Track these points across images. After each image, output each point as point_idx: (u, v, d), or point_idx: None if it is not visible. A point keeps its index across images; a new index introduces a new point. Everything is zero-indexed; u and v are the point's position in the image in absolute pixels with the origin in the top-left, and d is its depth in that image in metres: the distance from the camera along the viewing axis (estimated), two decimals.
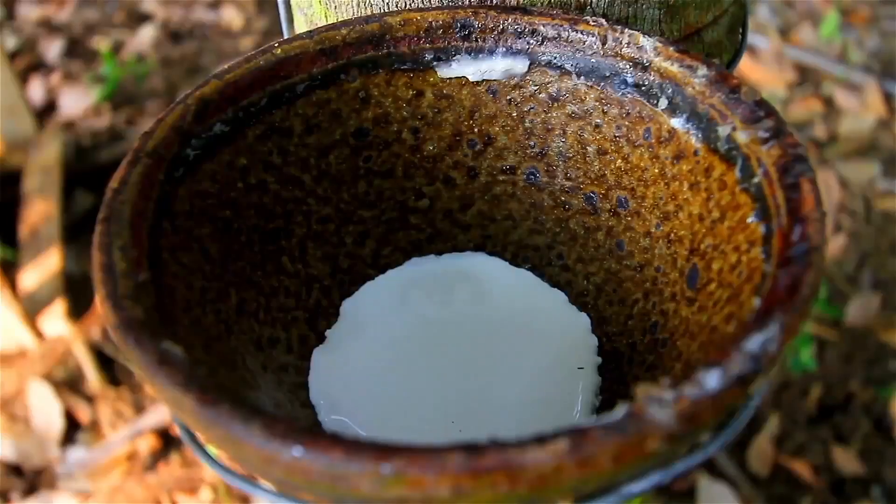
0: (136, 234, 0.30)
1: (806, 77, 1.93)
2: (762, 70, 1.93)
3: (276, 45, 0.37)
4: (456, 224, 0.42)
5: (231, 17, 2.08)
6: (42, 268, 1.40)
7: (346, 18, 0.42)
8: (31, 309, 1.33)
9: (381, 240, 0.41)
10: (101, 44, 1.99)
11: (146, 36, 2.04)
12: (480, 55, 0.38)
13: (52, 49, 1.99)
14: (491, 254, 0.42)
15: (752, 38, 1.95)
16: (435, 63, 0.39)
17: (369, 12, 0.41)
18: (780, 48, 1.98)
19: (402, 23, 0.38)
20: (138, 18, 2.11)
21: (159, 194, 0.32)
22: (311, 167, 0.39)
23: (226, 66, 0.36)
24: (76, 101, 1.87)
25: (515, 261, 0.42)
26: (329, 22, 0.44)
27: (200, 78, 1.92)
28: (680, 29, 0.42)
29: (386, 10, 0.40)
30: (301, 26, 0.47)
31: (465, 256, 0.42)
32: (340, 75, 0.38)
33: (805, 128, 1.81)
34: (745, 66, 1.91)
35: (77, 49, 2.01)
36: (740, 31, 0.48)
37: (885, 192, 1.66)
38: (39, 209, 1.53)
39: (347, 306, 0.40)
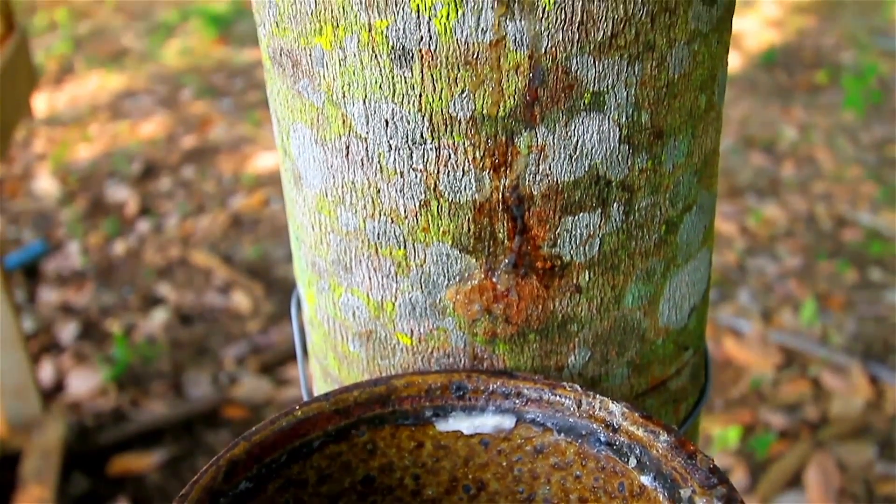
0: None
1: (792, 359, 2.00)
2: (748, 353, 2.01)
3: (297, 407, 0.42)
4: None
5: (240, 301, 2.20)
6: None
7: (355, 372, 0.49)
8: None
9: None
10: (115, 326, 2.09)
11: (158, 318, 2.14)
12: (473, 412, 0.44)
13: (67, 331, 2.08)
14: None
15: (736, 322, 2.06)
16: (434, 418, 0.44)
17: (377, 371, 0.48)
18: (764, 332, 2.07)
19: (406, 385, 0.44)
20: (152, 302, 2.22)
21: None
22: None
23: (253, 429, 0.41)
24: (84, 382, 1.92)
25: None
26: (340, 371, 0.50)
27: (207, 359, 2.00)
28: (647, 382, 0.49)
29: (392, 373, 0.46)
30: (316, 370, 0.54)
31: None
32: (351, 431, 0.43)
33: (796, 409, 1.86)
34: (732, 349, 1.99)
35: (91, 331, 2.11)
36: (703, 374, 0.55)
37: (883, 475, 1.67)
38: (34, 494, 1.53)
39: None
